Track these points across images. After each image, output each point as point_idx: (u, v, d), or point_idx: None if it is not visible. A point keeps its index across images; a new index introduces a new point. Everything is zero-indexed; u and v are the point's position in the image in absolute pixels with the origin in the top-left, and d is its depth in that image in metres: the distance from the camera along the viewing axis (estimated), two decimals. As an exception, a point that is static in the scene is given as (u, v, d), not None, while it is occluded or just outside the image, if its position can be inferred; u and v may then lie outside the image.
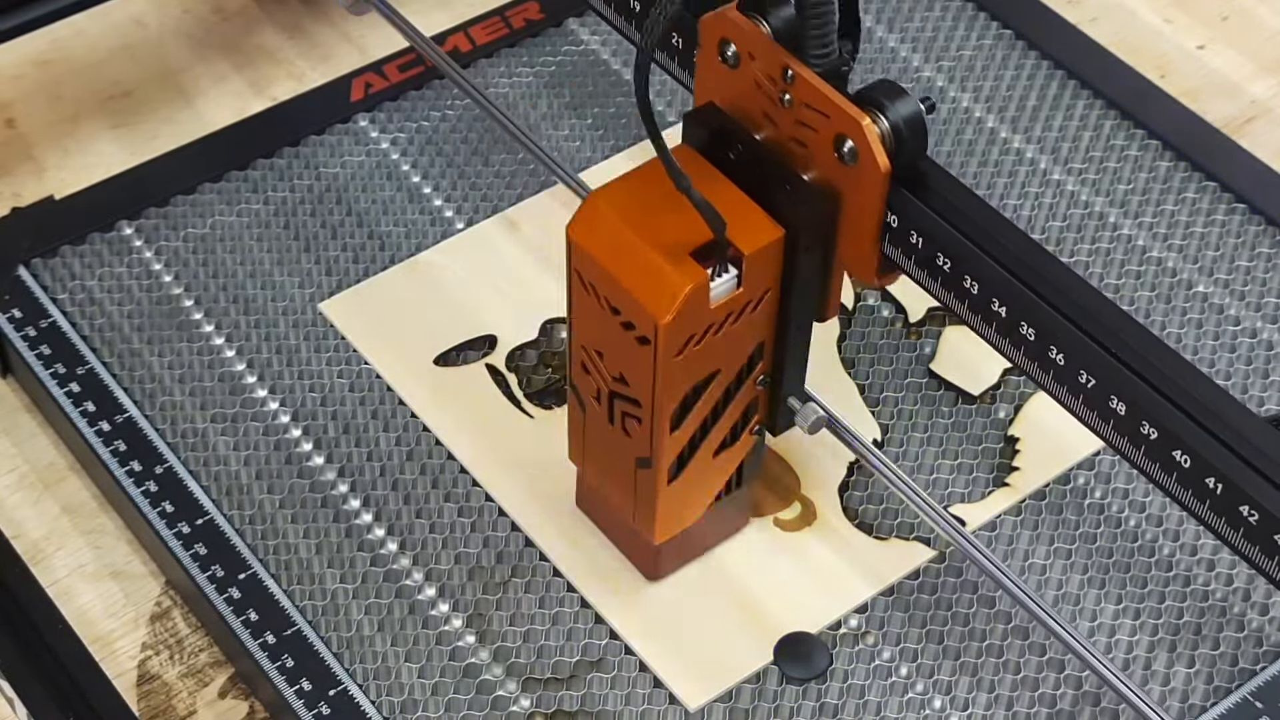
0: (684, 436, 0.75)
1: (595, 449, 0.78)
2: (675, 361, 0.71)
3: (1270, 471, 0.65)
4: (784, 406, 0.77)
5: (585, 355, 0.75)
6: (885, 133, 0.68)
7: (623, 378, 0.74)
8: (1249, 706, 0.78)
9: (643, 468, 0.76)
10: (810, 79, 0.69)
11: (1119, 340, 0.67)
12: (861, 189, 0.70)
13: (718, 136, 0.73)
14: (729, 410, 0.76)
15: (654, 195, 0.71)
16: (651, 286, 0.70)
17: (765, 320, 0.73)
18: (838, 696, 0.79)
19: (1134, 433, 0.67)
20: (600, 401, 0.76)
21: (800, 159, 0.71)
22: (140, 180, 0.96)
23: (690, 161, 0.72)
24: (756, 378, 0.75)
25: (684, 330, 0.70)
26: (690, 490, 0.78)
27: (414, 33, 0.89)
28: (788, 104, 0.70)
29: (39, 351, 0.88)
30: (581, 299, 0.73)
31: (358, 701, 0.78)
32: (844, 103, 0.68)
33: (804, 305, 0.74)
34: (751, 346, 0.74)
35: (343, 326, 0.90)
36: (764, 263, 0.71)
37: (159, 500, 0.84)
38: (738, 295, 0.71)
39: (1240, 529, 0.65)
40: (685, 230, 0.70)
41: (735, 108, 0.73)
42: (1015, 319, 0.68)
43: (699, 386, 0.74)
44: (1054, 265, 0.69)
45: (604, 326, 0.73)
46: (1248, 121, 1.03)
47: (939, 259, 0.70)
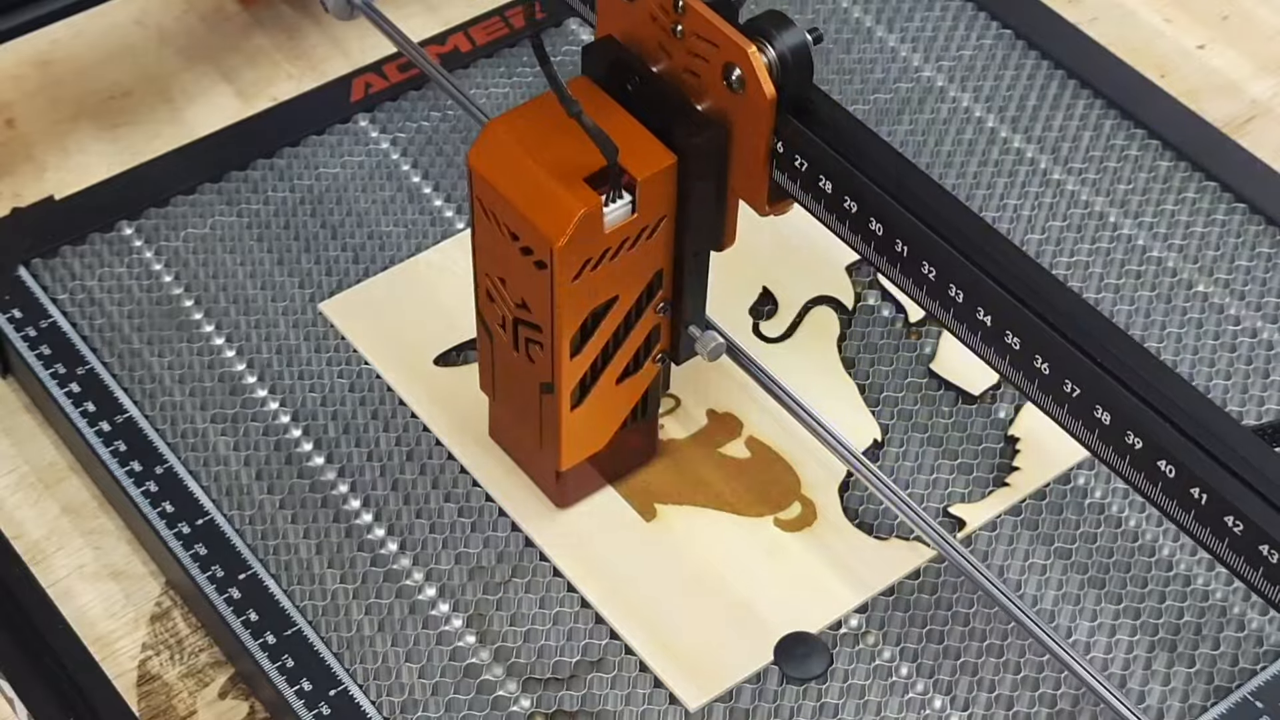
0: (585, 362, 0.77)
1: (503, 377, 0.80)
2: (572, 286, 0.73)
3: (1255, 482, 0.65)
4: (685, 334, 0.79)
5: (489, 282, 0.77)
6: (771, 61, 0.70)
7: (524, 304, 0.75)
8: (1249, 706, 0.78)
9: (547, 393, 0.78)
10: (700, 9, 0.71)
11: (1104, 350, 0.67)
12: (750, 117, 0.72)
13: (615, 68, 0.75)
14: (630, 337, 0.78)
15: (552, 123, 0.73)
16: (547, 211, 0.72)
17: (662, 247, 0.75)
18: (838, 696, 0.79)
19: (1119, 443, 0.67)
20: (505, 329, 0.78)
21: (693, 89, 0.73)
22: (140, 180, 0.96)
23: (588, 92, 0.75)
24: (656, 305, 0.77)
25: (579, 254, 0.72)
26: (595, 417, 0.80)
27: (402, 38, 0.89)
28: (680, 35, 0.72)
29: (39, 351, 0.88)
30: (483, 226, 0.75)
31: (358, 701, 0.78)
32: (732, 32, 0.70)
33: (700, 233, 0.76)
34: (649, 273, 0.76)
35: (343, 326, 0.90)
36: (657, 189, 0.73)
37: (159, 500, 0.84)
38: (632, 221, 0.73)
39: (1225, 539, 0.65)
40: (581, 157, 0.72)
41: (632, 40, 0.75)
42: (1000, 329, 0.69)
43: (598, 312, 0.75)
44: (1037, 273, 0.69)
45: (505, 253, 0.74)
46: (1248, 121, 1.03)
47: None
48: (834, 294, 0.92)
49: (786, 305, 0.91)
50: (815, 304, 0.91)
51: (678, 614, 0.81)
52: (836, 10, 1.03)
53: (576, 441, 0.80)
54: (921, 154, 0.97)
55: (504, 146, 0.74)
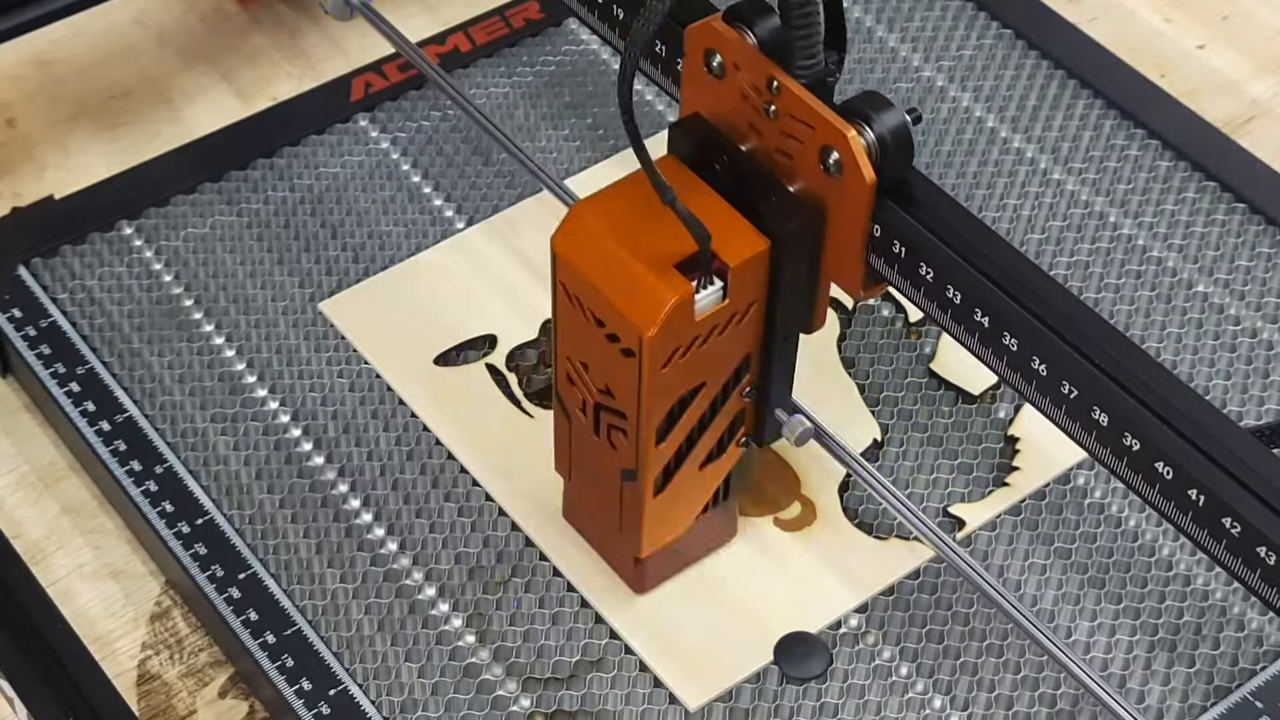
0: (670, 449, 0.75)
1: (581, 460, 0.78)
2: (661, 374, 0.71)
3: (1252, 483, 0.64)
4: (771, 418, 0.77)
5: (570, 366, 0.75)
6: (871, 144, 0.68)
7: (608, 390, 0.73)
8: (1249, 706, 0.78)
9: (628, 480, 0.75)
10: (795, 90, 0.69)
11: (1102, 351, 0.67)
12: (847, 200, 0.69)
13: (703, 147, 0.72)
14: (715, 422, 0.75)
15: (639, 206, 0.70)
16: (636, 299, 0.69)
17: (751, 332, 0.73)
18: (838, 696, 0.79)
19: (1116, 444, 0.67)
20: (586, 413, 0.75)
21: (786, 170, 0.71)
22: (140, 180, 0.95)
23: (675, 172, 0.72)
24: (743, 390, 0.75)
25: (669, 343, 0.70)
26: (676, 503, 0.77)
27: (399, 38, 0.89)
28: (773, 115, 0.70)
29: (39, 351, 0.88)
30: (566, 310, 0.73)
31: (358, 701, 0.78)
32: (829, 114, 0.68)
33: (790, 316, 0.74)
34: (738, 358, 0.74)
35: (343, 326, 0.90)
36: (749, 274, 0.71)
37: (159, 500, 0.84)
38: (723, 307, 0.71)
39: (1223, 541, 0.65)
40: (670, 242, 0.69)
41: (721, 118, 0.72)
42: (998, 329, 0.68)
43: (685, 399, 0.73)
44: (1037, 276, 0.69)
45: (589, 338, 0.72)
46: (1248, 121, 1.03)
47: (922, 269, 0.69)
48: (834, 294, 0.91)
49: (786, 305, 0.91)
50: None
51: (678, 614, 0.81)
52: (837, 10, 1.03)
53: (658, 527, 0.78)
54: (921, 154, 0.97)
55: (589, 231, 0.71)
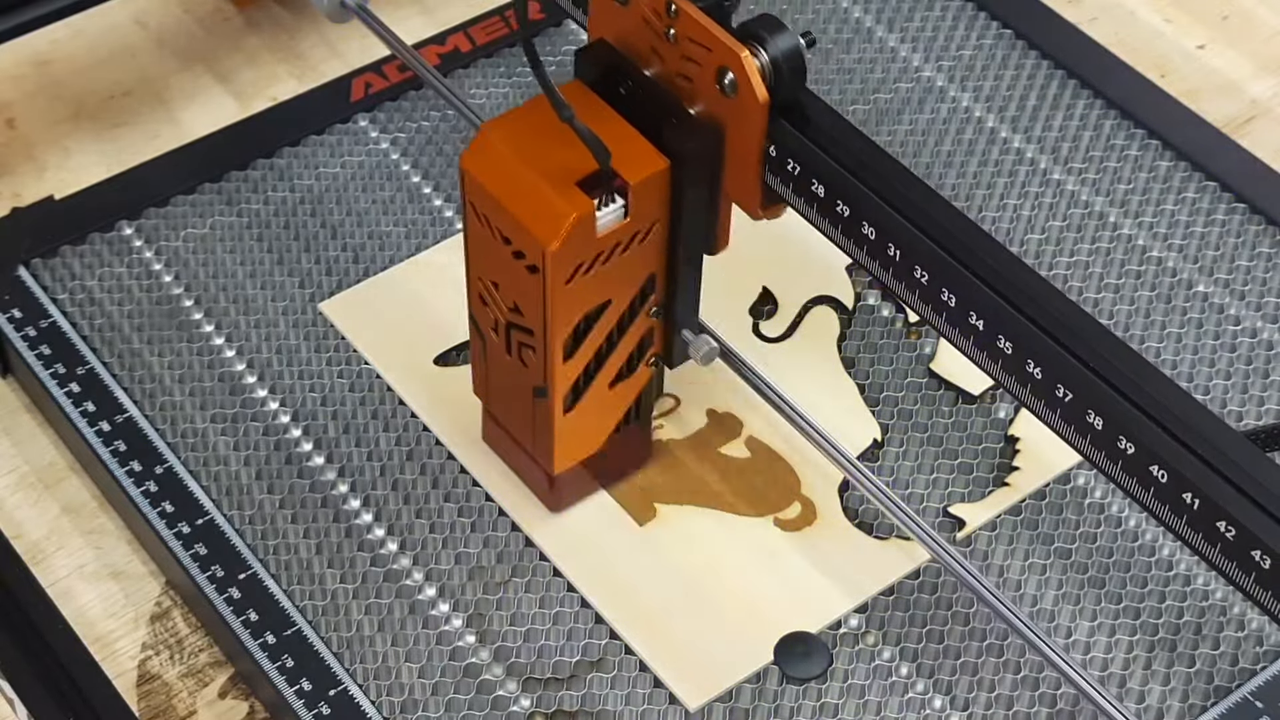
0: (578, 366, 0.77)
1: (496, 381, 0.80)
2: (565, 289, 0.73)
3: (1247, 487, 0.64)
4: (678, 338, 0.79)
5: (482, 286, 0.77)
6: (764, 65, 0.70)
7: (517, 307, 0.75)
8: (1249, 706, 0.78)
9: (540, 397, 0.77)
10: (693, 13, 0.71)
11: (1097, 355, 0.67)
12: (743, 120, 0.72)
13: (608, 72, 0.75)
14: (623, 341, 0.77)
15: (545, 127, 0.72)
16: (539, 215, 0.72)
17: (655, 251, 0.75)
18: (838, 696, 0.79)
19: (1111, 447, 0.67)
20: (498, 332, 0.78)
21: (686, 93, 0.73)
22: (140, 180, 0.96)
23: (581, 96, 0.74)
24: (649, 309, 0.77)
25: (572, 258, 0.72)
26: (588, 421, 0.79)
27: (395, 40, 0.89)
28: (673, 39, 0.72)
29: (39, 351, 0.88)
30: (476, 230, 0.75)
31: (358, 701, 0.78)
32: (724, 36, 0.70)
33: (693, 237, 0.76)
34: (642, 277, 0.76)
35: (343, 326, 0.90)
36: (650, 193, 0.73)
37: (159, 500, 0.84)
38: (625, 225, 0.73)
39: (1217, 544, 0.65)
40: (574, 161, 0.72)
41: (625, 44, 0.75)
42: (993, 333, 0.69)
43: (591, 316, 0.75)
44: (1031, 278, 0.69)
45: (498, 256, 0.74)
46: (1248, 121, 1.03)
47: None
48: (834, 294, 0.92)
49: (786, 305, 0.91)
50: (815, 304, 0.91)
51: (678, 614, 0.81)
52: (836, 10, 1.03)
53: (570, 445, 0.80)
54: (921, 154, 0.97)
55: (497, 150, 0.73)
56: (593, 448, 0.81)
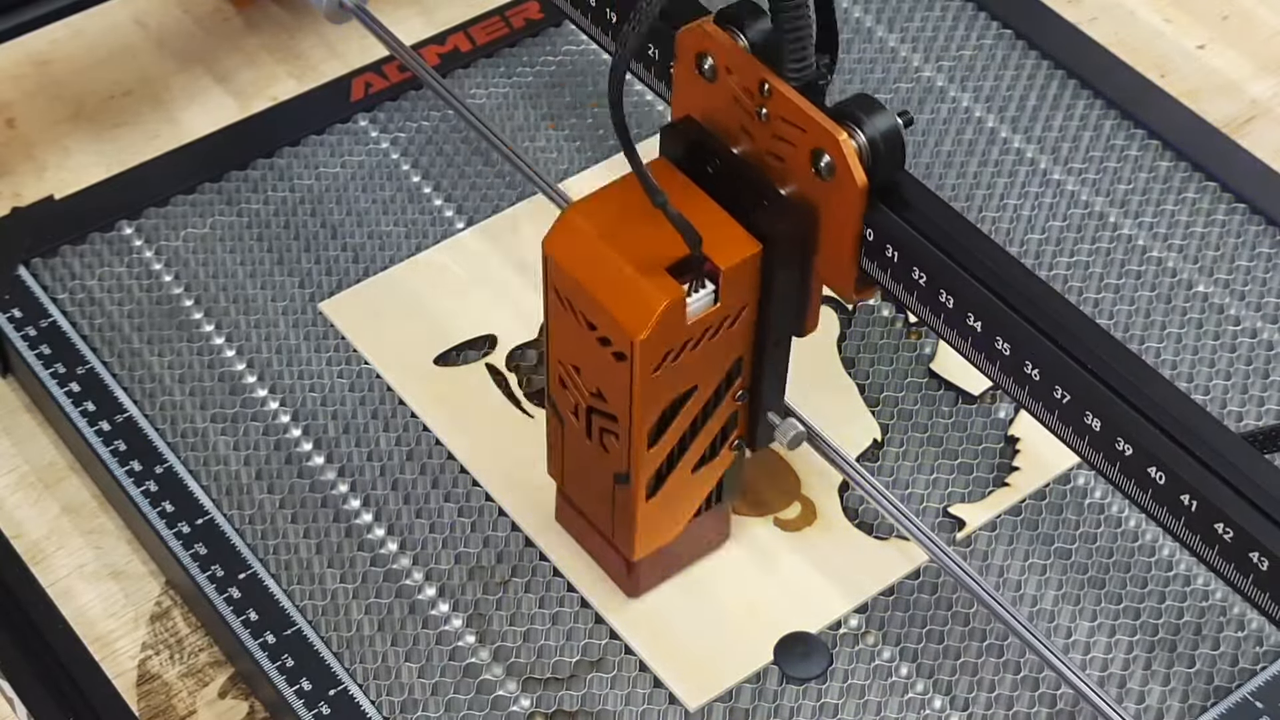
0: (662, 452, 0.75)
1: (573, 464, 0.78)
2: (652, 377, 0.71)
3: (1245, 488, 0.64)
4: (763, 421, 0.77)
5: (563, 370, 0.75)
6: (862, 147, 0.68)
7: (600, 393, 0.73)
8: (1249, 706, 0.78)
9: (621, 484, 0.75)
10: (786, 93, 0.69)
11: (1094, 356, 0.67)
12: (838, 204, 0.69)
13: (695, 150, 0.72)
14: (707, 426, 0.75)
15: (631, 210, 0.70)
16: (627, 302, 0.69)
17: (743, 335, 0.73)
18: (838, 696, 0.79)
19: (1109, 449, 0.67)
20: (578, 417, 0.75)
21: (777, 173, 0.71)
22: (140, 180, 0.96)
23: (667, 175, 0.72)
24: (735, 393, 0.75)
25: (660, 346, 0.70)
26: (669, 506, 0.77)
27: (394, 40, 0.89)
28: (764, 118, 0.70)
29: (39, 351, 0.88)
30: (558, 314, 0.73)
31: (358, 701, 0.78)
32: (820, 117, 0.68)
33: (782, 320, 0.74)
34: (729, 362, 0.74)
35: (343, 326, 0.90)
36: (741, 278, 0.71)
37: (159, 500, 0.84)
38: (714, 311, 0.71)
39: (1215, 546, 0.65)
40: (662, 246, 0.69)
41: (712, 121, 0.72)
42: (990, 334, 0.68)
43: (676, 402, 0.73)
44: (1030, 280, 0.69)
45: (581, 342, 0.72)
46: (1248, 121, 1.03)
47: (915, 273, 0.69)
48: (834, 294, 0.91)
49: (786, 305, 0.91)
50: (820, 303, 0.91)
51: (678, 614, 0.81)
52: (836, 10, 1.03)
53: (650, 531, 0.78)
54: (921, 154, 0.97)
55: (581, 234, 0.71)
56: (673, 533, 0.79)
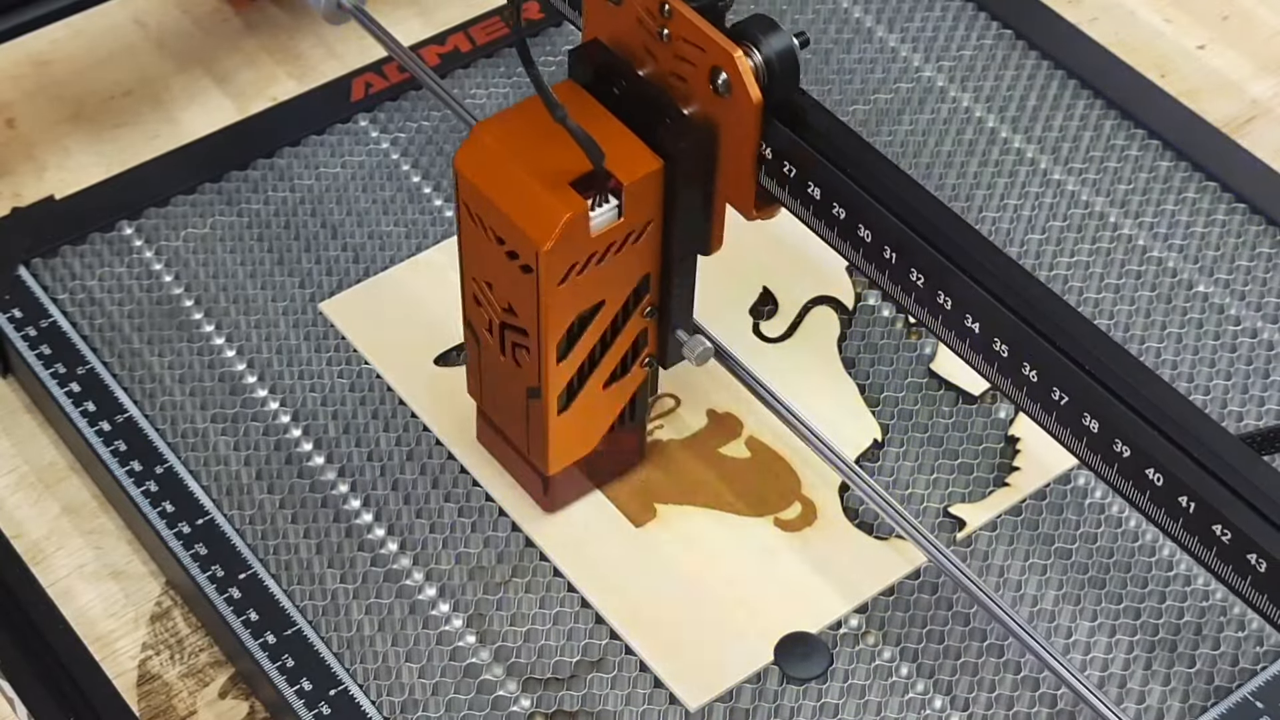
0: (572, 366, 0.77)
1: (490, 382, 0.80)
2: (558, 290, 0.73)
3: (1243, 490, 0.64)
4: (673, 338, 0.79)
5: (476, 287, 0.77)
6: (758, 65, 0.70)
7: (511, 308, 0.75)
8: (1249, 706, 0.78)
9: (533, 398, 0.77)
10: (686, 13, 0.71)
11: (1092, 357, 0.67)
12: (736, 121, 0.71)
13: (602, 72, 0.75)
14: (617, 342, 0.77)
15: (539, 127, 0.72)
16: (533, 215, 0.72)
17: (649, 251, 0.75)
18: (838, 696, 0.79)
19: (1107, 450, 0.67)
20: (492, 333, 0.77)
21: (679, 93, 0.73)
22: (140, 180, 0.96)
23: (575, 96, 0.74)
24: (643, 309, 0.77)
25: (565, 258, 0.72)
26: (581, 422, 0.79)
27: (391, 41, 0.89)
28: (666, 39, 0.72)
29: (39, 351, 0.88)
30: (470, 230, 0.75)
31: (358, 701, 0.78)
32: (718, 36, 0.70)
33: (687, 237, 0.75)
34: (636, 278, 0.76)
35: (343, 326, 0.90)
36: (644, 193, 0.73)
37: (159, 500, 0.84)
38: (619, 225, 0.73)
39: (1213, 548, 0.65)
40: (568, 162, 0.72)
41: (618, 44, 0.75)
42: (988, 336, 0.68)
43: (585, 316, 0.75)
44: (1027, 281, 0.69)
45: (491, 257, 0.74)
46: (1248, 121, 1.03)
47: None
48: (834, 294, 0.92)
49: (786, 305, 0.91)
50: (815, 304, 0.91)
51: (678, 614, 0.81)
52: (836, 10, 1.03)
53: (564, 446, 0.80)
54: (921, 154, 0.97)
55: (490, 150, 0.73)
56: (587, 449, 0.81)
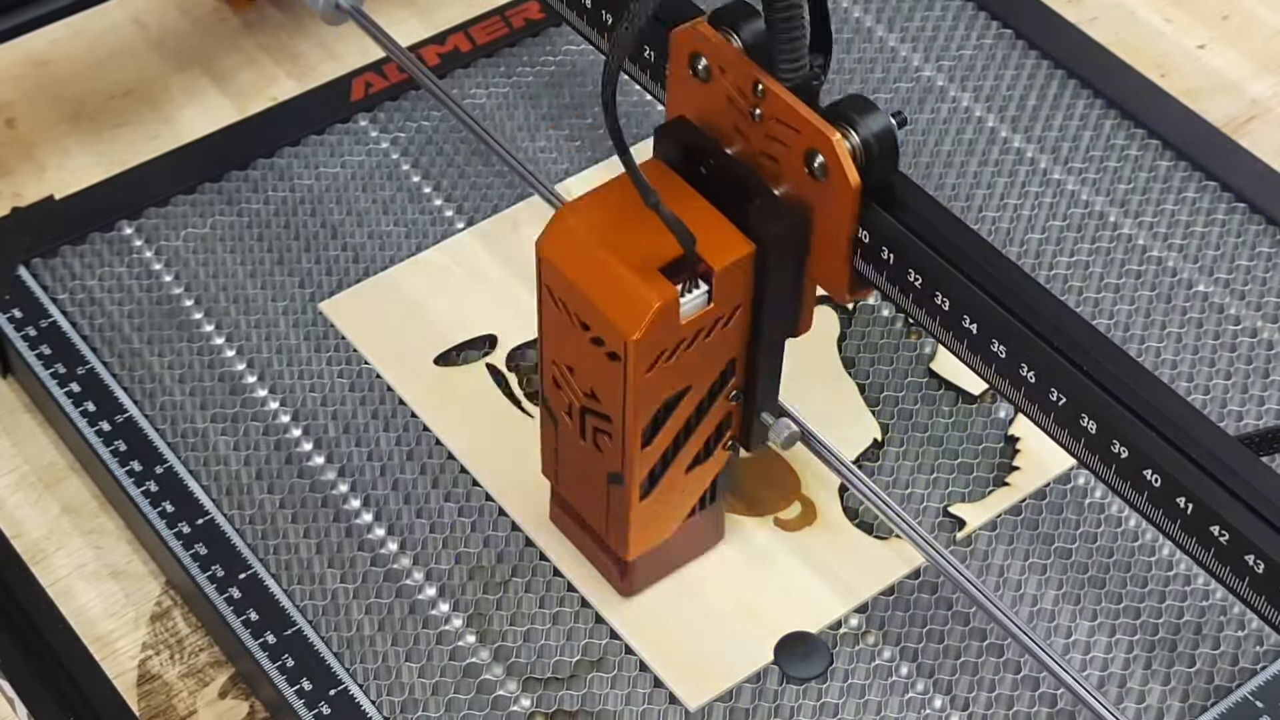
0: (656, 453, 0.75)
1: (568, 464, 0.78)
2: (646, 378, 0.71)
3: (1241, 491, 0.64)
4: (758, 422, 0.77)
5: (556, 370, 0.75)
6: (856, 148, 0.68)
7: (594, 394, 0.73)
8: (1249, 706, 0.78)
9: (614, 484, 0.75)
10: (780, 93, 0.69)
11: (1090, 358, 0.67)
12: (832, 204, 0.69)
13: (689, 151, 0.72)
14: (701, 426, 0.75)
15: (624, 210, 0.70)
16: (621, 303, 0.69)
17: (737, 336, 0.73)
18: (838, 696, 0.79)
19: (1105, 451, 0.66)
20: (572, 417, 0.75)
21: (771, 174, 0.71)
22: (140, 180, 0.96)
23: (661, 176, 0.72)
24: (729, 393, 0.75)
25: (654, 347, 0.70)
26: (663, 506, 0.77)
27: (389, 41, 0.89)
28: (758, 118, 0.70)
29: (39, 351, 0.88)
30: (552, 314, 0.73)
31: (358, 701, 0.78)
32: (814, 117, 0.68)
33: (776, 321, 0.73)
34: (723, 362, 0.74)
35: (343, 326, 0.90)
36: (734, 279, 0.71)
37: (159, 500, 0.84)
38: (708, 311, 0.71)
39: (1211, 549, 0.65)
40: (655, 246, 0.69)
41: (707, 122, 0.72)
42: (986, 337, 0.68)
43: (670, 402, 0.73)
44: (1026, 283, 0.68)
45: (574, 342, 0.72)
46: (1248, 121, 1.03)
47: (910, 275, 0.69)
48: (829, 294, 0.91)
49: (786, 305, 0.91)
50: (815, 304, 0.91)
51: (678, 614, 0.81)
52: (836, 10, 1.03)
53: (644, 531, 0.78)
54: (921, 154, 0.97)
55: (575, 235, 0.71)
56: (667, 532, 0.79)
